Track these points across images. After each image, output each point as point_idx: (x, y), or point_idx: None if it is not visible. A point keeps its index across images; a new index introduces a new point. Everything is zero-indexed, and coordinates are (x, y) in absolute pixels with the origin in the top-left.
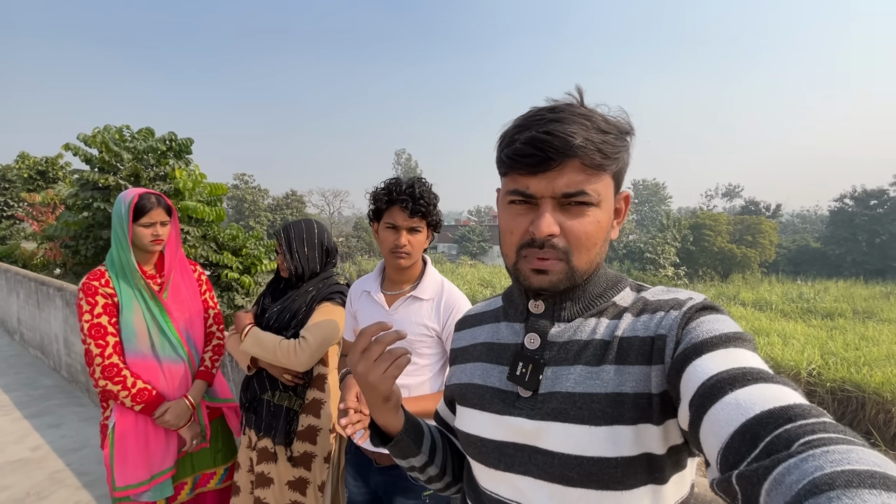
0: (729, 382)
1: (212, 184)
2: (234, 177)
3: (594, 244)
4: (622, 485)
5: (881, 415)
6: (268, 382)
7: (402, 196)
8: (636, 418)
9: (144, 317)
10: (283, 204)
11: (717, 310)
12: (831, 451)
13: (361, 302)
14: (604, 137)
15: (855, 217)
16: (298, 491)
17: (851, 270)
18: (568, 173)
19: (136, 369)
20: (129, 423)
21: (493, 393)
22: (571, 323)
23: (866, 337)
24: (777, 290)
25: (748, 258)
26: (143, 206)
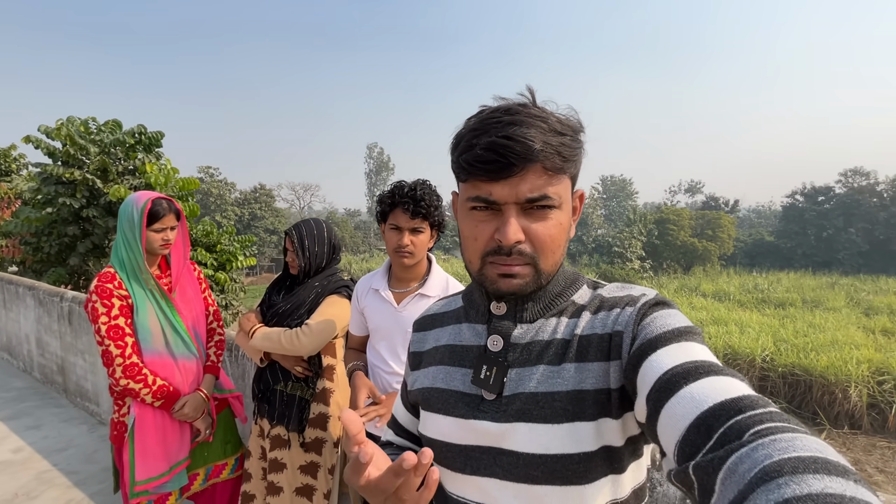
0: (683, 376)
1: (183, 178)
2: (199, 169)
3: (558, 246)
4: (585, 479)
5: (826, 396)
6: (280, 374)
7: (405, 198)
8: (596, 414)
9: (158, 317)
10: (250, 198)
11: (669, 304)
12: (778, 439)
13: (369, 299)
14: (561, 140)
15: (805, 212)
16: (310, 475)
17: (801, 262)
18: (530, 178)
19: (154, 367)
20: (149, 418)
21: (456, 397)
22: (534, 324)
23: (814, 324)
24: (735, 281)
25: (708, 251)
26: (157, 212)
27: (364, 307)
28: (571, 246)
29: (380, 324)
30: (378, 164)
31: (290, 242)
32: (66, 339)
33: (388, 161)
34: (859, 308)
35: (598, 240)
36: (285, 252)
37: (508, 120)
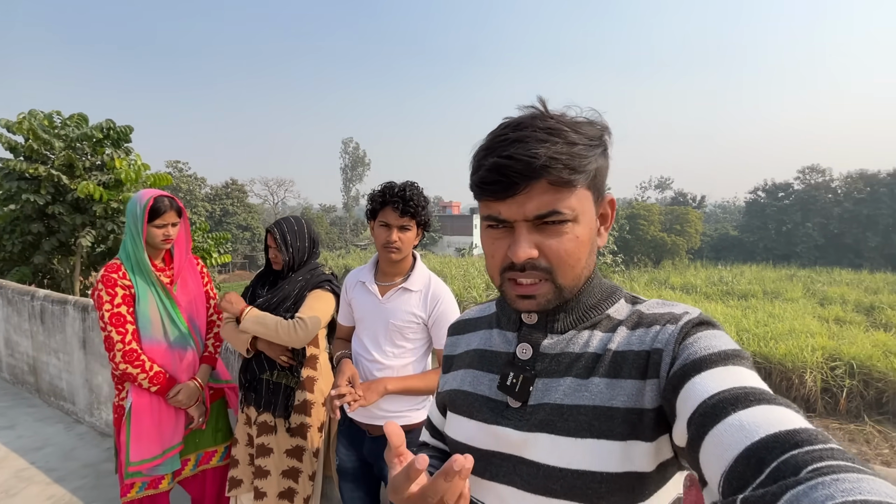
0: (731, 402)
1: (155, 174)
2: (167, 164)
3: (577, 260)
4: (605, 500)
5: (784, 382)
6: (266, 364)
7: (395, 198)
8: (626, 434)
9: (158, 307)
10: (222, 193)
11: (714, 325)
12: (842, 479)
13: (356, 291)
14: (571, 150)
15: (766, 208)
16: (296, 458)
17: (763, 255)
18: (536, 195)
19: (152, 354)
20: (145, 403)
21: (482, 401)
22: (565, 335)
23: (773, 314)
24: (701, 274)
25: (677, 246)
26: (158, 208)
27: (352, 298)
28: None
29: (364, 314)
30: (354, 159)
31: (272, 240)
32: (38, 338)
33: (364, 156)
34: (815, 298)
35: None
36: (266, 249)
37: (514, 137)
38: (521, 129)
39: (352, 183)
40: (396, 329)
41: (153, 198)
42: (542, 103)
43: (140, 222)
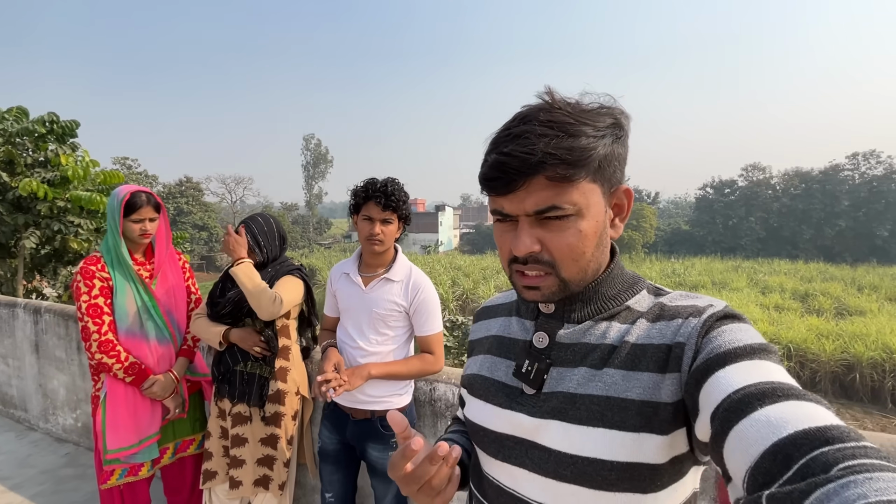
0: (758, 397)
1: (105, 171)
2: (114, 161)
3: (581, 254)
4: (615, 487)
5: None
6: (240, 355)
7: (377, 193)
8: (639, 426)
9: (135, 300)
10: (175, 192)
11: (740, 318)
12: (875, 478)
13: (341, 283)
14: (573, 143)
15: (714, 203)
16: (270, 446)
17: (712, 249)
18: (535, 191)
19: (128, 346)
20: (120, 393)
21: (498, 386)
22: (581, 325)
23: None
24: (656, 267)
25: (633, 240)
26: (134, 203)
27: (336, 290)
28: None
29: (349, 304)
30: (316, 156)
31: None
32: None
33: (327, 153)
34: (757, 287)
35: None
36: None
37: (517, 132)
38: (524, 122)
39: (314, 180)
40: (380, 317)
41: (129, 193)
42: (549, 94)
43: (117, 216)
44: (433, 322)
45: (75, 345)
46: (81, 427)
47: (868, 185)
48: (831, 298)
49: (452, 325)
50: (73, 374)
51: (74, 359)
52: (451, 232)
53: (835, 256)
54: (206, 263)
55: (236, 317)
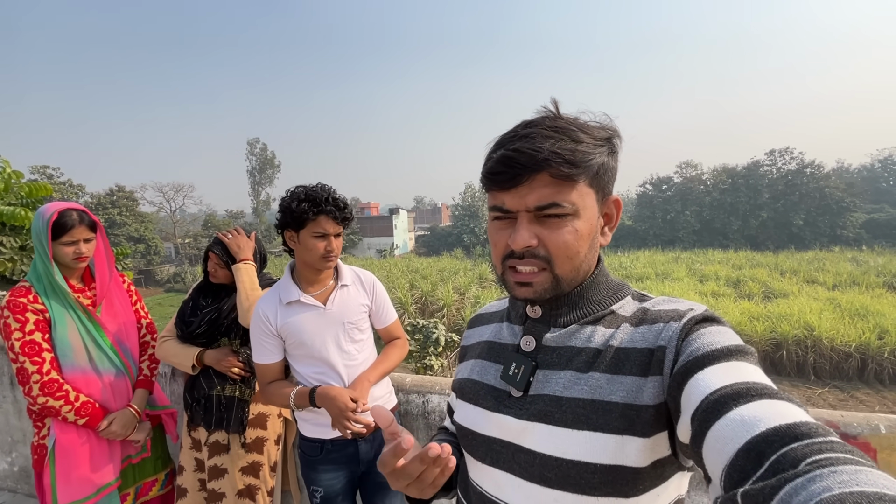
0: (733, 398)
1: (31, 183)
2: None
3: (575, 253)
4: (598, 491)
5: None
6: (216, 378)
7: (329, 206)
8: (622, 429)
9: (79, 331)
10: (106, 202)
11: (718, 321)
12: (839, 471)
13: (287, 314)
14: (575, 147)
15: (653, 199)
16: (252, 475)
17: (653, 242)
18: (538, 187)
19: (77, 384)
20: (72, 438)
21: (486, 390)
22: (567, 329)
23: (664, 293)
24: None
25: None
26: (63, 223)
27: (282, 325)
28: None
29: (312, 330)
30: (262, 161)
31: (215, 256)
32: None
33: (274, 158)
34: (696, 276)
35: None
36: (206, 261)
37: (524, 133)
38: (530, 126)
39: (261, 186)
40: (353, 325)
41: (57, 212)
42: (554, 105)
43: (45, 239)
44: (391, 310)
45: (7, 380)
46: (19, 471)
47: (784, 178)
48: (759, 283)
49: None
50: (6, 413)
51: (7, 395)
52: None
53: (759, 245)
54: (145, 278)
55: (211, 337)
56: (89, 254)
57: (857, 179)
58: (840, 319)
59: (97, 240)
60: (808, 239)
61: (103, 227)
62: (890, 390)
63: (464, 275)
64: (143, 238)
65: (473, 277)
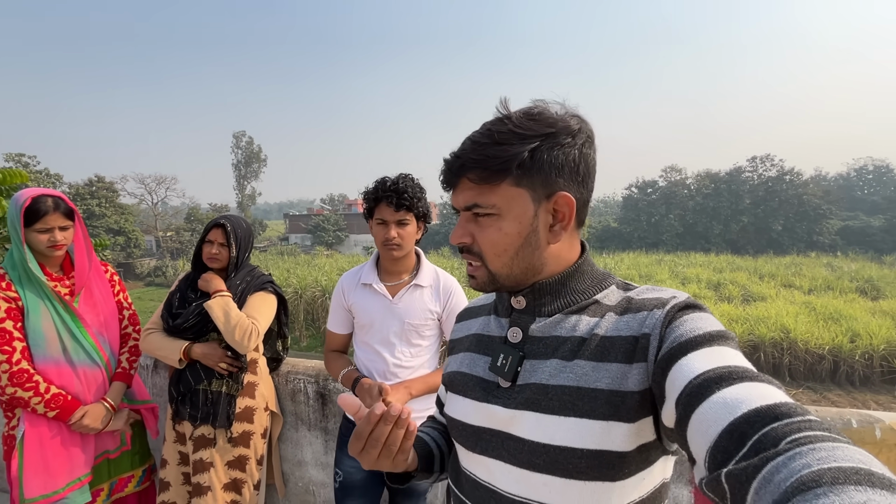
0: (715, 381)
1: (5, 170)
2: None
3: (503, 251)
4: (585, 475)
5: None
6: (202, 372)
7: (388, 192)
8: (607, 415)
9: (54, 321)
10: (85, 192)
11: (700, 308)
12: (817, 448)
13: (359, 294)
14: (496, 151)
15: (638, 202)
16: (238, 468)
17: (638, 244)
18: (462, 191)
19: (49, 375)
20: (42, 430)
21: (475, 381)
22: (552, 318)
23: None
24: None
25: None
26: (37, 209)
27: (353, 303)
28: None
29: (374, 318)
30: (248, 154)
31: (222, 235)
32: None
33: (260, 152)
34: (678, 279)
35: None
36: (200, 246)
37: (470, 136)
38: (482, 128)
39: (246, 180)
40: (413, 328)
41: (31, 198)
42: (503, 105)
43: (18, 226)
44: None
45: None
46: None
47: (765, 185)
48: (738, 286)
49: None
50: None
51: None
52: None
53: (740, 249)
54: (125, 271)
55: (200, 331)
56: (65, 242)
57: (834, 187)
58: (815, 323)
59: (76, 228)
60: (786, 244)
61: (81, 216)
62: (860, 391)
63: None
64: (122, 230)
65: (460, 276)
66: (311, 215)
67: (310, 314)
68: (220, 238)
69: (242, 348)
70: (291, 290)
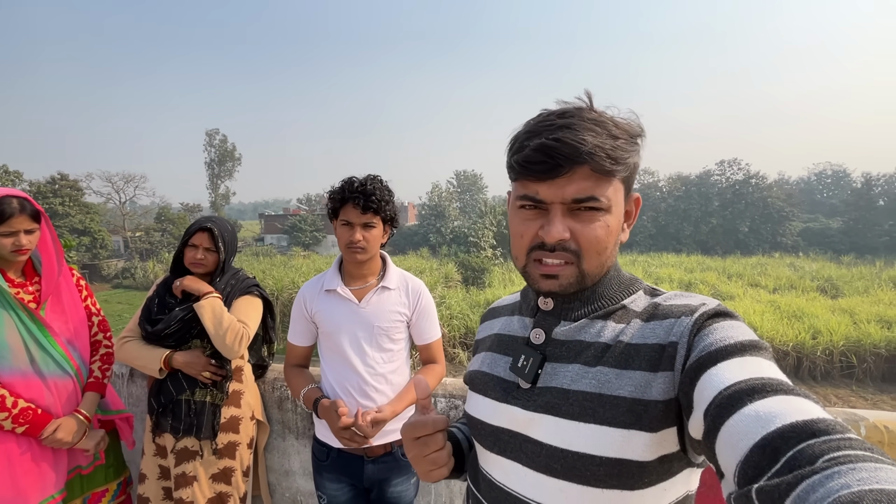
0: (748, 393)
1: None
2: None
3: (604, 248)
4: (603, 483)
5: None
6: (185, 382)
7: (355, 193)
8: (629, 423)
9: (19, 331)
10: (47, 191)
11: (732, 316)
12: (858, 468)
13: (323, 302)
14: (614, 143)
15: None
16: (223, 481)
17: None
18: (577, 180)
19: (16, 388)
20: (10, 447)
21: (496, 381)
22: (578, 322)
23: None
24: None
25: None
26: (3, 211)
27: (316, 311)
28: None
29: (340, 324)
30: (221, 153)
31: (208, 240)
32: None
33: (234, 150)
34: (651, 279)
35: (455, 231)
36: (181, 251)
37: (561, 123)
38: (566, 117)
39: (220, 179)
40: (383, 332)
41: None
42: (588, 97)
43: None
44: (435, 327)
45: None
46: None
47: (732, 188)
48: (709, 286)
49: None
50: None
51: None
52: None
53: (709, 250)
54: (91, 272)
55: (181, 338)
56: (30, 246)
57: (796, 191)
58: (779, 320)
59: (42, 231)
60: (752, 245)
61: (49, 218)
62: (822, 386)
63: (430, 274)
64: (88, 230)
65: (439, 277)
66: (287, 215)
67: (286, 316)
68: (206, 242)
69: (233, 353)
70: (268, 291)
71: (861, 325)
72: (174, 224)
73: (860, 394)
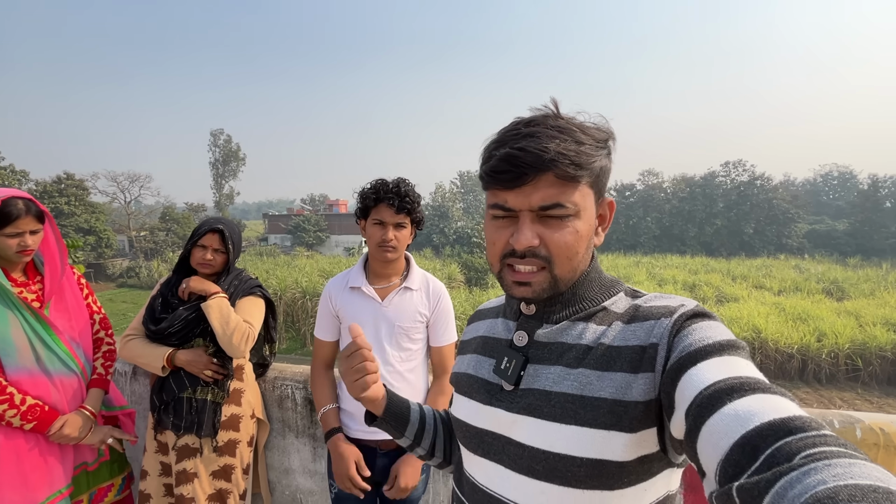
0: (727, 392)
1: None
2: None
3: (575, 253)
4: (583, 484)
5: None
6: (187, 380)
7: (389, 194)
8: (609, 424)
9: (24, 329)
10: (53, 190)
11: (709, 316)
12: (833, 464)
13: (346, 298)
14: (579, 148)
15: (617, 205)
16: (224, 479)
17: (616, 246)
18: (543, 187)
19: (23, 386)
20: (19, 444)
21: (480, 383)
22: (559, 325)
23: None
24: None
25: None
26: (9, 213)
27: (340, 308)
28: (434, 238)
29: (363, 320)
30: (225, 153)
31: (218, 241)
32: None
33: (238, 150)
34: (655, 280)
35: (459, 231)
36: (189, 251)
37: (527, 132)
38: (532, 125)
39: (224, 179)
40: (403, 331)
41: (1, 200)
42: (554, 105)
43: None
44: (450, 331)
45: None
46: None
47: (737, 189)
48: (713, 288)
49: None
50: None
51: None
52: None
53: (713, 251)
54: (95, 272)
55: (184, 337)
56: (35, 247)
57: (802, 192)
58: (784, 323)
59: (46, 232)
60: (757, 247)
61: (53, 218)
62: (826, 388)
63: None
64: (93, 230)
65: (442, 278)
66: (291, 215)
67: (290, 316)
68: (216, 244)
69: (238, 353)
70: (271, 291)
71: (867, 328)
72: (179, 224)
73: (865, 397)
